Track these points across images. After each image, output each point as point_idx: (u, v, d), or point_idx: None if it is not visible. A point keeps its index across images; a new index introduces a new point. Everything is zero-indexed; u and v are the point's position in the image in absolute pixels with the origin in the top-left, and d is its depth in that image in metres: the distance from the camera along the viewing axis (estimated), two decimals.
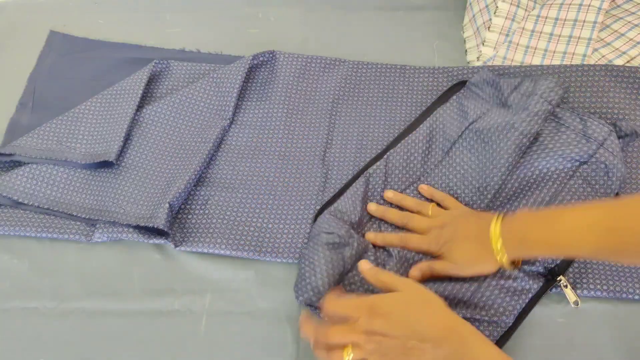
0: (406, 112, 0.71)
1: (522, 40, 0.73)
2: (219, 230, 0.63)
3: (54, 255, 0.64)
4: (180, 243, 0.62)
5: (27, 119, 0.73)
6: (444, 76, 0.74)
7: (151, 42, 0.80)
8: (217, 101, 0.72)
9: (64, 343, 0.58)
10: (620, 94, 0.68)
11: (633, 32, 0.71)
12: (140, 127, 0.70)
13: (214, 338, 0.58)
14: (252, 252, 0.62)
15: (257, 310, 0.59)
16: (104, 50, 0.79)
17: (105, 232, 0.63)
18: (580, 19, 0.71)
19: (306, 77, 0.74)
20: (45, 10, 0.84)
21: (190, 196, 0.66)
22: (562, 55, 0.72)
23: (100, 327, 0.59)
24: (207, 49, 0.79)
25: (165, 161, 0.68)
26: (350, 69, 0.75)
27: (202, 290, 0.61)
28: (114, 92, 0.72)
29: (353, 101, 0.73)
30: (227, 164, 0.68)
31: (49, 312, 0.60)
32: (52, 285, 0.62)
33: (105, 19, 0.83)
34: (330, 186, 0.66)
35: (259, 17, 0.83)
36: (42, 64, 0.78)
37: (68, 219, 0.64)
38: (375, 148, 0.69)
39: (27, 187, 0.66)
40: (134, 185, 0.66)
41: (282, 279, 0.61)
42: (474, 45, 0.76)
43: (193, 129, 0.71)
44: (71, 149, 0.68)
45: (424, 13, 0.82)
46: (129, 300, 0.60)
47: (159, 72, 0.75)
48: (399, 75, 0.74)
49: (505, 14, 0.73)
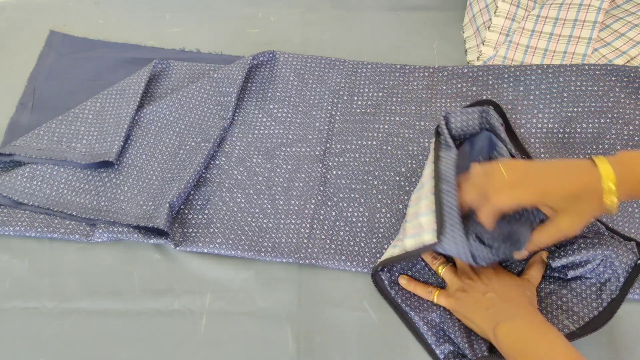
0: (406, 112, 0.71)
1: (522, 40, 0.73)
2: (219, 230, 0.63)
3: (54, 255, 0.64)
4: (180, 243, 0.62)
5: (27, 119, 0.73)
6: (444, 76, 0.74)
7: (151, 42, 0.80)
8: (217, 101, 0.72)
9: (64, 343, 0.58)
10: (620, 94, 0.68)
11: (633, 32, 0.71)
12: (140, 127, 0.70)
13: (214, 338, 0.58)
14: (252, 252, 0.62)
15: (257, 310, 0.59)
16: (104, 50, 0.79)
17: (105, 232, 0.63)
18: (580, 19, 0.71)
19: (306, 77, 0.74)
20: (45, 10, 0.84)
21: (190, 196, 0.66)
22: (562, 55, 0.72)
23: (100, 327, 0.59)
24: (207, 49, 0.79)
25: (165, 161, 0.68)
26: (350, 69, 0.75)
27: (202, 290, 0.61)
28: (114, 92, 0.72)
29: (353, 101, 0.73)
30: (227, 164, 0.68)
31: (49, 312, 0.60)
32: (52, 285, 0.62)
33: (105, 19, 0.83)
34: (329, 186, 0.66)
35: (259, 17, 0.83)
36: (42, 64, 0.78)
37: (68, 219, 0.64)
38: (375, 148, 0.69)
39: (27, 187, 0.66)
40: (134, 185, 0.66)
41: (282, 279, 0.61)
42: (474, 45, 0.76)
43: (193, 129, 0.71)
44: (71, 149, 0.68)
45: (424, 13, 0.82)
46: (129, 300, 0.60)
47: (159, 72, 0.75)
48: (398, 75, 0.74)
49: (505, 14, 0.73)
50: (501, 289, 0.55)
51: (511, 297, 0.54)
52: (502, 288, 0.55)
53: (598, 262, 0.56)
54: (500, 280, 0.56)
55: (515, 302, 0.53)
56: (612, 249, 0.55)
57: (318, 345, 0.57)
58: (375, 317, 0.59)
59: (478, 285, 0.55)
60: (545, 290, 0.58)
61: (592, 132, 0.67)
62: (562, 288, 0.57)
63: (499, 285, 0.55)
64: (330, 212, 0.64)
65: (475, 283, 0.56)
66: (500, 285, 0.55)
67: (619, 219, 0.62)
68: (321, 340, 0.58)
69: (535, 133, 0.68)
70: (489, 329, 0.53)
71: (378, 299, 0.59)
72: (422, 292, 0.59)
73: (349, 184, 0.66)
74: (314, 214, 0.64)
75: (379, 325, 0.58)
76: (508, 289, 0.55)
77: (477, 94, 0.72)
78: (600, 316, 0.55)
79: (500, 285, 0.55)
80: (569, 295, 0.57)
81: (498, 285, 0.55)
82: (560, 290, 0.57)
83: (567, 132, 0.68)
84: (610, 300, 0.56)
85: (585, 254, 0.55)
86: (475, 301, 0.55)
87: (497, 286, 0.55)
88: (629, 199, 0.51)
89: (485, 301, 0.54)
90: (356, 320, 0.58)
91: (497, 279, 0.56)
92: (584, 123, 0.68)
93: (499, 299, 0.54)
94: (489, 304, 0.54)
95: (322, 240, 0.62)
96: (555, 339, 0.49)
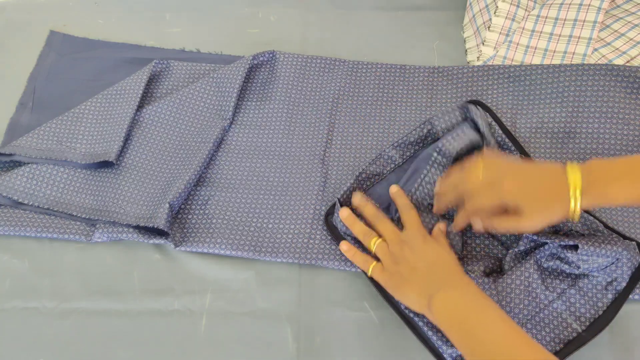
0: (406, 112, 0.71)
1: (522, 40, 0.73)
2: (219, 230, 0.63)
3: (54, 255, 0.64)
4: (180, 243, 0.62)
5: (27, 119, 0.73)
6: (444, 76, 0.74)
7: (151, 42, 0.80)
8: (217, 101, 0.72)
9: (64, 343, 0.58)
10: (620, 94, 0.68)
11: (633, 32, 0.71)
12: (140, 127, 0.70)
13: (214, 338, 0.58)
14: (252, 252, 0.62)
15: (257, 310, 0.59)
16: (104, 50, 0.79)
17: (105, 232, 0.63)
18: (580, 19, 0.71)
19: (306, 77, 0.74)
20: (45, 10, 0.84)
21: (190, 196, 0.66)
22: (562, 55, 0.72)
23: (100, 327, 0.59)
24: (207, 49, 0.79)
25: (165, 161, 0.68)
26: (350, 69, 0.75)
27: (202, 290, 0.61)
28: (114, 92, 0.72)
29: (353, 101, 0.73)
30: (227, 164, 0.68)
31: (49, 312, 0.60)
32: (52, 285, 0.62)
33: (105, 19, 0.83)
34: (330, 186, 0.66)
35: (259, 17, 0.83)
36: (42, 64, 0.78)
37: (68, 219, 0.64)
38: (375, 148, 0.69)
39: (27, 187, 0.66)
40: (134, 185, 0.66)
41: (282, 279, 0.61)
42: (474, 45, 0.76)
43: (193, 129, 0.71)
44: (71, 149, 0.68)
45: (424, 13, 0.82)
46: (129, 300, 0.60)
47: (159, 72, 0.75)
48: (398, 75, 0.74)
49: (505, 14, 0.73)
50: (432, 256, 0.54)
51: (443, 264, 0.54)
52: (433, 256, 0.55)
53: (613, 260, 0.55)
54: (430, 248, 0.55)
55: (447, 270, 0.53)
56: (626, 249, 0.55)
57: (318, 345, 0.57)
58: (375, 317, 0.59)
59: (407, 254, 0.55)
60: (557, 291, 0.56)
61: (592, 132, 0.67)
62: (571, 287, 0.56)
63: (430, 252, 0.55)
64: None
65: (403, 252, 0.55)
66: (432, 252, 0.55)
67: (619, 219, 0.62)
68: (321, 340, 0.58)
69: (535, 133, 0.68)
70: (423, 302, 0.52)
71: (378, 299, 0.59)
72: (359, 261, 0.59)
73: None
74: (314, 214, 0.64)
75: (379, 325, 0.58)
76: (438, 257, 0.55)
77: (477, 94, 0.72)
78: (604, 316, 0.55)
79: (432, 252, 0.55)
80: (577, 295, 0.56)
81: (429, 253, 0.55)
82: (569, 290, 0.56)
83: (567, 132, 0.68)
84: (614, 300, 0.56)
85: (609, 252, 0.55)
86: (407, 272, 0.54)
87: (429, 254, 0.55)
88: (593, 206, 0.55)
89: (416, 271, 0.54)
90: (356, 320, 0.58)
91: (428, 247, 0.55)
92: (584, 123, 0.68)
93: (430, 267, 0.53)
94: (421, 273, 0.53)
95: (323, 240, 0.62)
96: (494, 312, 0.49)
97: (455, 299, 0.51)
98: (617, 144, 0.66)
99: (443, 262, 0.54)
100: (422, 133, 0.65)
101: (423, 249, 0.55)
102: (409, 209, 0.60)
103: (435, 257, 0.55)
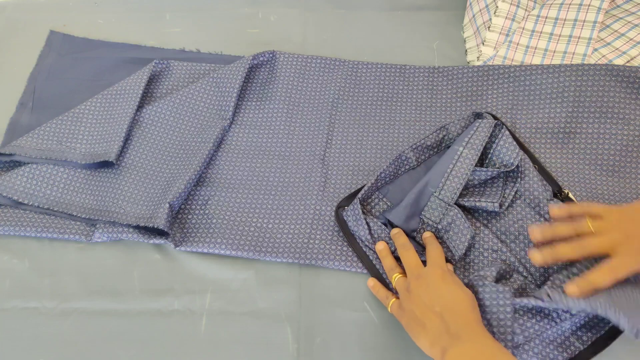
0: (406, 112, 0.71)
1: (522, 40, 0.73)
2: (219, 230, 0.63)
3: (54, 255, 0.64)
4: (180, 243, 0.62)
5: (27, 119, 0.73)
6: (444, 76, 0.74)
7: (151, 42, 0.80)
8: (217, 101, 0.72)
9: (64, 343, 0.58)
10: (620, 94, 0.68)
11: (633, 32, 0.71)
12: (140, 127, 0.70)
13: (214, 338, 0.58)
14: (252, 252, 0.62)
15: (257, 310, 0.60)
16: (104, 50, 0.79)
17: (105, 232, 0.63)
18: (580, 19, 0.71)
19: (306, 77, 0.74)
20: (45, 10, 0.84)
21: (190, 196, 0.66)
22: (562, 55, 0.72)
23: (100, 327, 0.59)
24: (207, 49, 0.79)
25: (165, 161, 0.68)
26: (350, 69, 0.75)
27: (202, 290, 0.61)
28: (114, 92, 0.72)
29: (353, 101, 0.73)
30: (227, 164, 0.68)
31: (49, 312, 0.60)
32: (52, 285, 0.62)
33: (105, 19, 0.83)
34: (330, 186, 0.66)
35: (259, 17, 0.83)
36: (42, 64, 0.78)
37: (68, 219, 0.64)
38: (375, 148, 0.69)
39: (27, 187, 0.66)
40: (134, 185, 0.66)
41: (282, 279, 0.61)
42: (474, 45, 0.76)
43: (193, 129, 0.71)
44: (71, 149, 0.68)
45: (424, 13, 0.82)
46: (129, 300, 0.60)
47: (159, 72, 0.75)
48: (398, 75, 0.74)
49: (505, 14, 0.73)
50: (448, 298, 0.52)
51: (460, 310, 0.51)
52: (448, 298, 0.52)
53: None
54: (447, 287, 0.53)
55: (462, 318, 0.50)
56: None
57: (318, 345, 0.57)
58: (375, 317, 0.59)
59: (422, 293, 0.53)
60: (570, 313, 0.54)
61: (592, 132, 0.67)
62: None
63: (446, 292, 0.52)
64: (330, 212, 0.64)
65: (419, 289, 0.53)
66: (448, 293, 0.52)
67: None
68: (321, 340, 0.58)
69: (535, 133, 0.68)
70: (436, 353, 0.49)
71: (378, 300, 0.59)
72: (382, 297, 0.58)
73: (349, 184, 0.66)
74: (314, 214, 0.64)
75: (379, 325, 0.58)
76: (455, 300, 0.52)
77: (477, 94, 0.72)
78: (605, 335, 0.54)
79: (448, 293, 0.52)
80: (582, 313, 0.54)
81: (445, 294, 0.52)
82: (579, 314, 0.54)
83: (567, 132, 0.68)
84: None
85: None
86: (420, 312, 0.52)
87: (444, 295, 0.52)
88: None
89: (430, 314, 0.51)
90: (356, 320, 0.59)
91: (444, 287, 0.53)
92: (584, 123, 0.68)
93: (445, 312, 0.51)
94: (435, 318, 0.51)
95: (323, 240, 0.62)
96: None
97: (471, 355, 0.48)
98: (617, 144, 0.66)
99: (459, 307, 0.51)
100: (437, 138, 0.66)
101: (439, 287, 0.53)
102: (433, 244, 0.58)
103: (452, 299, 0.52)
